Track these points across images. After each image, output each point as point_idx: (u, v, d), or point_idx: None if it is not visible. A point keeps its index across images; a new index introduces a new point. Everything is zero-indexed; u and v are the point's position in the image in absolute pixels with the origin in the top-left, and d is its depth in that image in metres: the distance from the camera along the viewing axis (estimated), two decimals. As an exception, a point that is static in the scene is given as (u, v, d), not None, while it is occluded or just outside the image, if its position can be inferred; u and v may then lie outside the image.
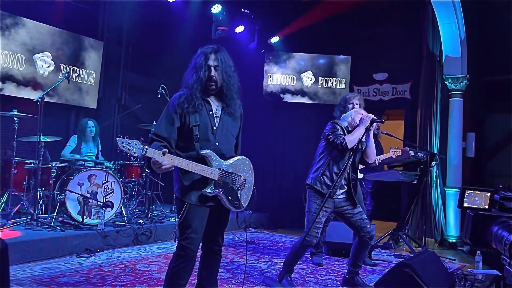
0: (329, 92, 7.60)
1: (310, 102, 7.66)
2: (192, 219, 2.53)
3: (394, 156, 5.05)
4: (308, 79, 7.71)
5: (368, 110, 7.59)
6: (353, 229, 3.78)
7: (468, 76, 6.34)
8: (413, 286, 2.96)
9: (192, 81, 2.58)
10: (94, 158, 5.65)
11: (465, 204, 1.89)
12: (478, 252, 4.23)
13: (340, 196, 3.71)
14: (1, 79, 5.66)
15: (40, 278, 3.67)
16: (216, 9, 6.83)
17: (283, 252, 5.27)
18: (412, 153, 5.50)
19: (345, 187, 3.72)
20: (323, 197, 3.58)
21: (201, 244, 2.67)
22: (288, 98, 7.74)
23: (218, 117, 2.62)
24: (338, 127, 3.78)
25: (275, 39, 7.65)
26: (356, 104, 4.22)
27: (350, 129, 3.79)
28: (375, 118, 3.64)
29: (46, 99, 5.18)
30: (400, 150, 5.09)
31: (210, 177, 2.51)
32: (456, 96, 6.41)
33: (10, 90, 5.79)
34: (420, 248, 5.68)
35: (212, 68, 2.56)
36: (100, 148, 5.87)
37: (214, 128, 2.59)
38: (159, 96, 5.76)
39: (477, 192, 1.85)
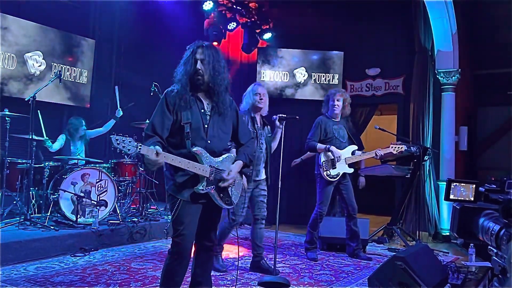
0: (322, 88, 7.60)
1: (303, 98, 7.66)
2: (185, 216, 2.53)
3: (394, 152, 4.93)
4: (301, 75, 7.71)
5: (361, 105, 7.65)
6: (252, 206, 4.15)
7: (460, 70, 6.37)
8: (406, 279, 2.98)
9: (181, 75, 2.60)
10: (84, 155, 5.64)
11: (451, 197, 1.91)
12: (471, 244, 4.26)
13: (259, 178, 4.12)
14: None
15: (34, 277, 3.66)
16: (208, 6, 6.80)
17: (279, 248, 5.27)
18: (405, 147, 5.53)
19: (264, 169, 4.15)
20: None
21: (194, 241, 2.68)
22: (281, 94, 7.74)
23: (209, 115, 2.63)
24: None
25: (267, 36, 7.64)
26: (338, 100, 4.70)
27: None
28: (282, 116, 4.10)
29: (38, 98, 5.14)
30: (402, 146, 4.96)
31: (201, 174, 2.51)
32: (448, 90, 6.44)
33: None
34: (414, 241, 5.72)
35: (199, 61, 2.56)
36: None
37: (206, 126, 2.60)
38: (151, 94, 5.75)
39: (462, 184, 1.87)
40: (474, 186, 1.80)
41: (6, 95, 5.76)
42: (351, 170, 4.80)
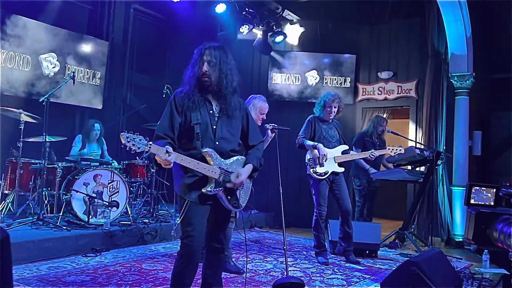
0: (334, 91, 7.56)
1: (314, 101, 7.61)
2: (193, 217, 2.53)
3: (392, 153, 4.90)
4: (313, 78, 7.69)
5: (373, 109, 7.60)
6: None
7: (474, 74, 6.29)
8: (420, 285, 2.94)
9: (189, 77, 2.60)
10: (98, 157, 5.67)
11: (472, 201, 1.86)
12: (485, 251, 4.20)
13: None
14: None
15: (46, 277, 3.68)
16: (221, 8, 6.82)
17: (289, 251, 5.26)
18: (417, 151, 5.48)
19: None
20: None
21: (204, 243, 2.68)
22: (292, 97, 7.72)
23: (217, 116, 2.62)
24: None
25: (279, 39, 7.63)
26: (334, 107, 4.77)
27: None
28: (275, 126, 4.19)
29: (52, 100, 5.20)
30: (402, 149, 4.93)
31: (210, 175, 2.51)
32: (462, 94, 6.36)
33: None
34: (426, 247, 5.65)
35: (206, 63, 2.56)
36: (105, 148, 5.90)
37: (214, 127, 2.59)
38: (164, 96, 5.77)
39: (483, 188, 1.83)
40: (495, 190, 1.75)
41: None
42: (342, 170, 4.75)
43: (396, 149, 4.87)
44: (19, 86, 5.83)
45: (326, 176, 4.69)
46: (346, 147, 4.85)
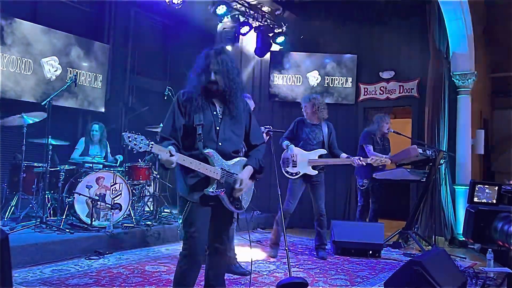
0: (336, 91, 7.56)
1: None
2: (195, 218, 2.54)
3: (374, 164, 4.92)
4: (314, 78, 7.68)
5: (375, 109, 7.58)
6: None
7: (475, 72, 6.27)
8: (424, 284, 2.93)
9: (195, 83, 2.60)
10: (102, 160, 5.69)
11: (476, 199, 1.85)
12: (489, 250, 4.18)
13: None
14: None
15: (50, 280, 3.68)
16: (221, 10, 6.83)
17: (292, 252, 5.25)
18: (420, 151, 5.46)
19: None
20: None
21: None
22: (294, 98, 7.72)
23: (220, 117, 2.63)
24: None
25: (280, 39, 7.63)
26: (306, 107, 4.89)
27: None
28: (270, 128, 4.20)
29: (54, 103, 5.21)
30: (387, 160, 4.96)
31: (212, 176, 2.51)
32: (464, 93, 6.34)
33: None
34: (430, 246, 5.63)
35: (213, 72, 2.55)
36: (109, 150, 5.92)
37: (217, 128, 2.60)
38: (165, 98, 5.79)
39: (486, 186, 1.82)
40: (497, 188, 1.75)
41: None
42: (314, 172, 4.79)
43: (380, 159, 4.86)
44: (20, 90, 5.85)
45: (297, 176, 4.81)
46: (323, 151, 4.84)
